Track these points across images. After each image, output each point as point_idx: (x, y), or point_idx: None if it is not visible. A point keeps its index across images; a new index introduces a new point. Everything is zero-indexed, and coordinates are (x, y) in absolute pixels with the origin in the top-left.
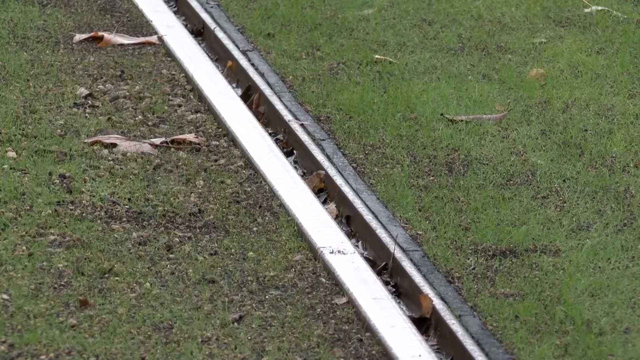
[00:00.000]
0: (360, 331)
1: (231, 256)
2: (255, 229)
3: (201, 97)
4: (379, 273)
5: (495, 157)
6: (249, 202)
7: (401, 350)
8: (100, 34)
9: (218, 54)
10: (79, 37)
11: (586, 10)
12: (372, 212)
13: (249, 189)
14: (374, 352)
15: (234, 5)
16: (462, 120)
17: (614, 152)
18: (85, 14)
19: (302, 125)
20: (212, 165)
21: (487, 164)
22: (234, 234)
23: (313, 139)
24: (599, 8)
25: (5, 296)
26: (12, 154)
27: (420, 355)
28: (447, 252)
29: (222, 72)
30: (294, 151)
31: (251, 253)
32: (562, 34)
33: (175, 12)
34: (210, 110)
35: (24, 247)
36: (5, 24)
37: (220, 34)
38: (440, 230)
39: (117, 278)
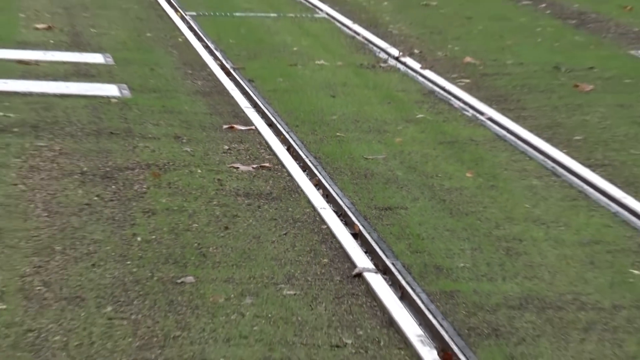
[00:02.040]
0: (332, 238)
1: (282, 210)
2: (291, 200)
3: (272, 151)
4: (338, 216)
5: (382, 172)
6: (289, 190)
7: (346, 242)
8: (232, 125)
9: (277, 131)
10: (224, 126)
11: (417, 116)
12: (336, 193)
13: (290, 185)
14: (336, 245)
15: (286, 115)
16: (371, 158)
17: (429, 170)
18: (226, 116)
19: (309, 159)
20: (274, 175)
21: (379, 175)
22: (284, 202)
23: (313, 164)
24: (421, 115)
25: (196, 225)
26: (200, 171)
27: (354, 247)
28: (364, 208)
29: (280, 141)
30: (305, 169)
31: (290, 209)
32: (408, 125)
33: (261, 117)
34: (275, 155)
35: (203, 207)
36: (195, 122)
37: (280, 126)
38: (362, 199)
39: (238, 218)
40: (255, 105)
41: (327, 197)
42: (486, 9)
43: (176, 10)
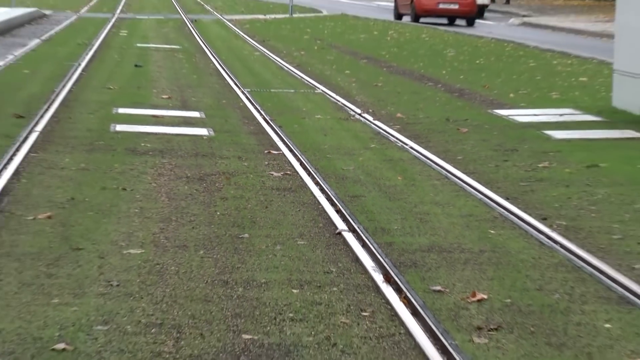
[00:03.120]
0: (324, 212)
1: (297, 198)
2: (302, 192)
3: (292, 165)
4: (328, 201)
5: (352, 177)
6: (301, 186)
7: (332, 215)
8: (270, 151)
9: (294, 154)
10: (265, 151)
11: (371, 146)
12: (327, 188)
13: (302, 183)
14: (327, 216)
15: (299, 145)
16: (345, 169)
17: (377, 175)
18: (266, 146)
19: (312, 169)
20: (293, 178)
21: (350, 178)
22: (298, 193)
23: (314, 172)
24: (373, 145)
25: (250, 205)
26: (251, 176)
27: (337, 217)
28: (342, 196)
29: (295, 159)
30: (310, 175)
31: (301, 197)
32: (366, 151)
33: (285, 146)
34: (293, 167)
35: (253, 195)
36: (249, 149)
37: (296, 151)
38: (341, 191)
39: (273, 201)
40: (282, 140)
41: (322, 190)
42: (408, 88)
43: (239, 88)
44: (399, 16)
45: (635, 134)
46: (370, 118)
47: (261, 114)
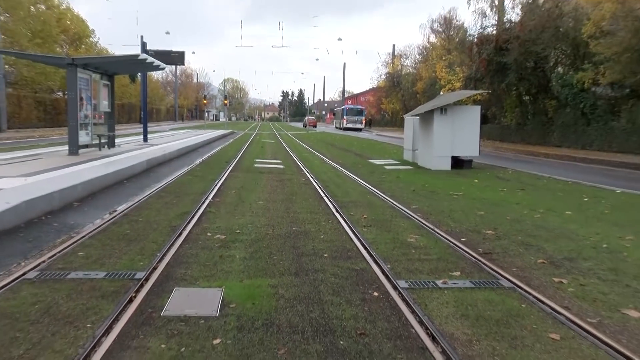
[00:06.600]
0: (317, 191)
1: (309, 186)
2: (311, 184)
3: (309, 178)
4: (319, 188)
5: (327, 180)
6: (310, 183)
7: (320, 192)
8: (301, 175)
9: (311, 176)
10: (300, 172)
11: (332, 170)
12: (319, 184)
13: (311, 183)
14: (318, 191)
15: (314, 175)
16: (324, 178)
17: (335, 180)
18: (301, 172)
19: (315, 179)
20: (307, 179)
21: (327, 180)
22: (310, 185)
23: (315, 179)
24: (332, 171)
25: (296, 189)
26: (298, 181)
27: (322, 192)
28: (322, 185)
29: (310, 177)
30: (314, 180)
31: (310, 185)
32: (330, 172)
33: (309, 175)
34: (310, 178)
35: (296, 186)
36: (299, 172)
37: (314, 176)
38: (322, 183)
39: (302, 188)
40: (305, 169)
41: (317, 184)
42: (343, 154)
43: (293, 153)
44: (303, 125)
45: (410, 167)
46: (333, 163)
47: (299, 161)
